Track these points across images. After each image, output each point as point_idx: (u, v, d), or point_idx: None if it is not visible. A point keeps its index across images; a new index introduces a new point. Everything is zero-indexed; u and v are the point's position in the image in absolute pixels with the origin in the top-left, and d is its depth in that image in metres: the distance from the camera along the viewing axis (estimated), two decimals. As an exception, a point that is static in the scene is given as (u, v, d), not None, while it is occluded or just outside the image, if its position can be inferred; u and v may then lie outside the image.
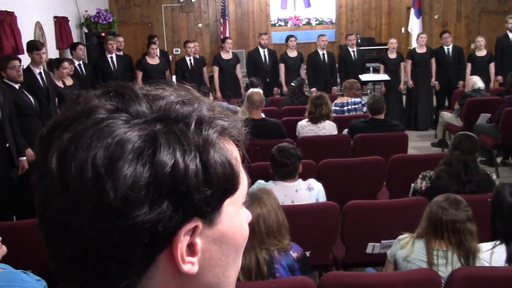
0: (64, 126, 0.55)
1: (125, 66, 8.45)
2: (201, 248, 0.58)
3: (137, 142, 0.53)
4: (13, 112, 4.61)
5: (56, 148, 0.54)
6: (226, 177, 0.57)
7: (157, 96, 0.58)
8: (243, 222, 0.64)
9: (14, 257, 2.66)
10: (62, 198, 0.53)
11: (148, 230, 0.52)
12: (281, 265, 2.37)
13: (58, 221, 0.53)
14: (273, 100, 7.80)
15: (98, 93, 0.58)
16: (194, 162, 0.54)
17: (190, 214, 0.55)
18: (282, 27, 12.80)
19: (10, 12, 5.90)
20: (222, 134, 0.59)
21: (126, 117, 0.55)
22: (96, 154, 0.52)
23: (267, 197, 2.48)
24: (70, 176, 0.52)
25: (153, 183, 0.52)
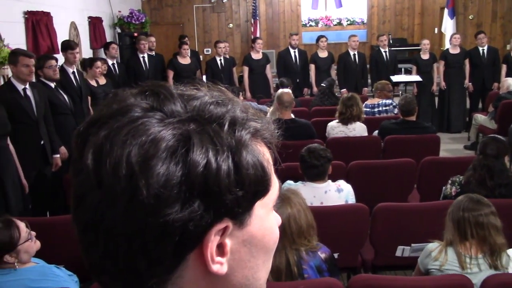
0: (101, 124, 0.56)
1: (157, 66, 8.55)
2: (231, 249, 0.58)
3: (171, 141, 0.53)
4: (48, 111, 4.71)
5: (92, 145, 0.55)
6: (257, 178, 0.57)
7: (191, 96, 0.59)
8: (273, 225, 0.64)
9: (48, 252, 2.72)
10: (97, 193, 0.54)
11: (179, 228, 0.53)
12: (309, 266, 2.37)
13: (92, 216, 0.54)
14: (303, 100, 7.78)
15: (134, 92, 0.59)
16: (226, 162, 0.54)
17: (221, 215, 0.55)
18: (312, 27, 12.74)
19: (46, 12, 6.04)
20: (254, 135, 0.59)
21: (160, 116, 0.55)
22: (130, 151, 0.52)
23: (296, 197, 2.48)
24: (104, 172, 0.53)
25: (185, 182, 0.53)
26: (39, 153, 4.55)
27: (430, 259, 2.57)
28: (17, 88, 4.37)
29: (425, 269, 2.62)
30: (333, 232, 3.12)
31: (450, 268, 2.48)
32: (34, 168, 4.48)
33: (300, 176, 3.51)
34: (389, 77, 8.05)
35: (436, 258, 2.53)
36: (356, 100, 5.16)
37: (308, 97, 8.66)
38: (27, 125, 4.36)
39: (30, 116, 4.41)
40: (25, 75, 4.34)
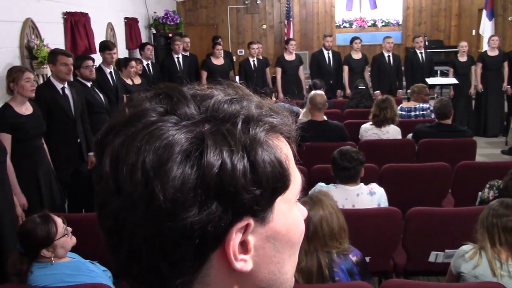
0: (117, 131, 0.56)
1: (191, 66, 8.63)
2: (254, 246, 0.58)
3: (185, 145, 0.53)
4: (85, 109, 4.81)
5: (109, 153, 0.55)
6: (275, 175, 0.57)
7: (205, 96, 0.59)
8: (297, 219, 0.63)
9: (83, 248, 2.78)
10: (117, 200, 0.55)
11: (198, 231, 0.53)
12: (340, 268, 2.35)
13: (114, 222, 0.55)
14: (336, 102, 7.73)
15: (149, 95, 0.59)
16: (241, 162, 0.54)
17: (240, 214, 0.55)
18: (346, 28, 12.65)
19: (84, 13, 6.18)
20: (271, 131, 0.59)
21: (175, 120, 0.56)
22: (145, 157, 0.53)
23: (327, 199, 2.47)
24: (122, 179, 0.54)
25: (201, 185, 0.53)
26: (76, 150, 4.65)
27: (463, 261, 2.53)
28: (56, 87, 4.48)
29: (456, 272, 2.58)
30: (365, 235, 3.09)
31: (483, 272, 2.43)
32: (70, 165, 4.58)
33: (332, 178, 3.49)
34: (425, 79, 7.92)
35: (472, 257, 2.49)
36: (391, 102, 5.10)
37: (341, 99, 8.60)
38: (65, 123, 4.47)
39: (68, 114, 4.51)
40: (63, 74, 4.45)
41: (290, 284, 0.65)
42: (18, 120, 3.89)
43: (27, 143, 3.97)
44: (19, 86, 3.90)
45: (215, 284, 0.58)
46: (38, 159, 4.09)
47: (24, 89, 3.91)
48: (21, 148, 3.90)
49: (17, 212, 3.73)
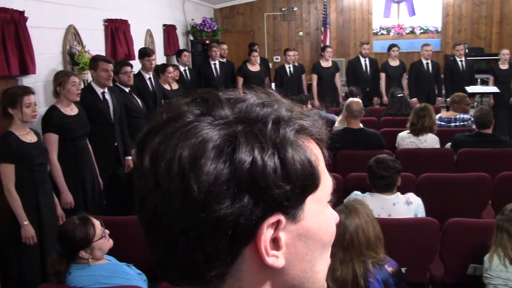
0: (156, 131, 0.60)
1: (227, 72, 8.70)
2: (286, 243, 0.60)
3: (218, 141, 0.57)
4: (123, 114, 4.92)
5: (149, 150, 0.59)
6: (305, 173, 0.59)
7: (238, 100, 0.62)
8: (329, 219, 0.66)
9: (119, 251, 2.83)
10: (155, 195, 0.58)
11: (231, 223, 0.56)
12: (375, 279, 2.32)
13: (152, 216, 0.58)
14: (373, 110, 7.64)
15: (187, 100, 0.63)
16: (272, 159, 0.57)
17: (271, 209, 0.58)
18: (384, 35, 12.51)
19: (124, 20, 6.31)
20: (300, 132, 0.61)
21: (209, 120, 0.59)
22: (181, 153, 0.56)
23: (362, 208, 2.44)
24: (160, 174, 0.57)
25: (233, 179, 0.56)
26: (113, 154, 4.75)
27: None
28: (96, 91, 4.59)
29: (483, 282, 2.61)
30: (401, 245, 3.04)
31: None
32: (108, 168, 4.68)
33: (368, 187, 3.45)
34: (464, 87, 7.75)
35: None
36: (429, 111, 5.01)
37: (378, 106, 8.50)
38: (103, 126, 4.57)
39: (107, 118, 4.61)
40: (104, 79, 4.56)
41: (322, 284, 0.66)
42: (65, 120, 4.02)
43: (73, 143, 4.10)
44: (66, 90, 4.04)
45: (247, 279, 0.60)
46: (84, 159, 4.21)
47: (70, 93, 4.05)
48: (67, 148, 4.03)
49: (57, 212, 3.83)
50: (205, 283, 0.60)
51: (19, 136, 3.50)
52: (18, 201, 3.42)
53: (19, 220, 3.43)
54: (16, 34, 3.93)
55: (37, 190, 3.57)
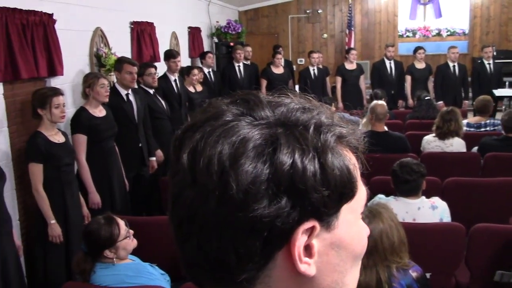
0: (196, 128, 0.60)
1: (251, 75, 8.71)
2: (318, 251, 0.59)
3: (258, 141, 0.56)
4: (147, 115, 4.97)
5: (187, 147, 0.59)
6: (343, 180, 0.59)
7: (279, 103, 0.62)
8: (361, 230, 0.65)
9: (143, 251, 2.85)
10: (191, 191, 0.57)
11: (267, 224, 0.55)
12: (400, 284, 2.28)
13: (186, 212, 0.58)
14: (398, 113, 7.57)
15: (226, 101, 0.63)
16: (312, 163, 0.57)
17: (308, 214, 0.57)
18: (410, 38, 12.37)
19: (150, 22, 6.38)
20: (340, 140, 0.61)
21: (250, 120, 0.59)
22: (222, 150, 0.56)
23: (386, 212, 2.41)
24: (198, 170, 0.57)
25: (273, 180, 0.55)
26: (138, 155, 4.80)
27: None
28: (121, 93, 4.65)
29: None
30: (426, 250, 3.00)
31: None
32: (132, 169, 4.72)
33: (392, 191, 3.41)
34: (492, 90, 7.61)
35: None
36: (456, 115, 4.93)
37: (403, 109, 8.41)
38: (128, 128, 4.62)
39: (131, 119, 4.67)
40: (128, 81, 4.62)
41: None
42: (93, 122, 4.08)
43: (101, 144, 4.16)
44: (95, 92, 4.11)
45: (276, 286, 0.59)
46: (111, 160, 4.27)
47: (99, 95, 4.12)
48: (95, 149, 4.09)
49: (83, 212, 3.89)
50: (234, 286, 0.59)
51: (48, 136, 3.57)
52: (46, 200, 3.48)
53: (46, 219, 3.49)
54: (45, 37, 4.01)
55: (64, 190, 3.63)
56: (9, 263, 3.04)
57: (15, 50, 3.60)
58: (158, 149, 5.12)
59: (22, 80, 3.83)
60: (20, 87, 3.91)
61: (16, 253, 3.19)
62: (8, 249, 3.06)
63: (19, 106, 3.89)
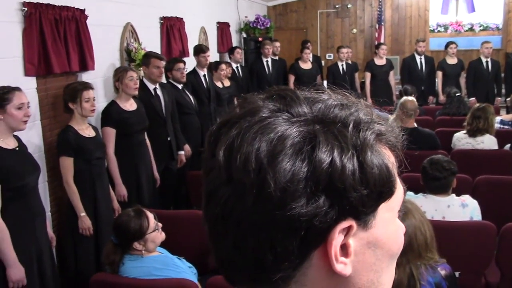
0: (232, 124, 0.59)
1: (279, 70, 8.69)
2: (355, 250, 0.58)
3: (297, 138, 0.55)
4: (175, 110, 5.01)
5: (223, 143, 0.58)
6: (382, 179, 0.58)
7: (316, 99, 0.61)
8: (398, 229, 0.64)
9: (171, 244, 2.89)
10: (227, 188, 0.57)
11: (304, 223, 0.54)
12: (428, 282, 2.26)
13: (222, 210, 0.57)
14: (428, 109, 7.45)
15: (262, 96, 0.62)
16: (351, 161, 0.56)
17: (345, 213, 0.56)
18: (441, 33, 12.15)
19: (179, 18, 6.42)
20: (379, 137, 0.60)
21: (287, 116, 0.58)
22: (259, 147, 0.55)
23: (415, 209, 2.38)
24: (234, 167, 0.56)
25: (311, 178, 0.54)
26: (166, 149, 4.85)
27: None
28: (148, 87, 4.70)
29: None
30: (455, 249, 2.96)
31: None
32: (161, 163, 4.77)
33: (422, 188, 3.37)
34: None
35: None
36: (486, 113, 4.82)
37: (433, 105, 8.28)
38: (156, 122, 4.67)
39: (159, 114, 4.72)
40: (155, 76, 4.67)
41: None
42: (123, 116, 4.15)
43: (130, 138, 4.22)
44: (124, 85, 4.17)
45: (311, 285, 0.58)
46: (140, 154, 4.33)
47: (128, 87, 4.18)
48: (124, 142, 4.15)
49: (114, 206, 3.95)
50: (269, 285, 0.58)
51: (78, 130, 3.63)
52: (76, 193, 3.55)
53: (77, 211, 3.56)
54: (77, 32, 4.08)
55: (94, 183, 3.69)
56: (44, 253, 3.12)
57: (48, 45, 3.67)
58: (186, 143, 5.17)
59: (54, 75, 3.90)
60: (53, 81, 3.98)
61: (50, 244, 3.27)
62: (43, 240, 3.14)
63: (51, 100, 3.97)
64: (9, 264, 2.82)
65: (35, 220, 3.05)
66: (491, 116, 4.91)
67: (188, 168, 5.13)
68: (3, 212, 2.82)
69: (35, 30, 3.56)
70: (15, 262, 2.84)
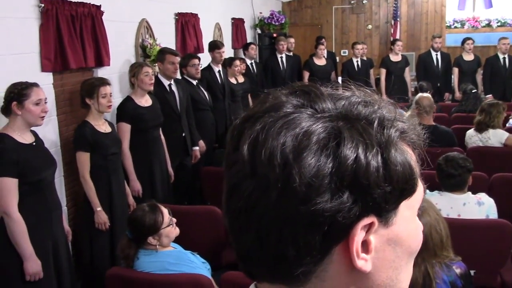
0: (255, 118, 0.59)
1: (293, 66, 8.67)
2: (375, 247, 0.59)
3: (322, 134, 0.56)
4: (190, 106, 5.03)
5: (247, 137, 0.58)
6: (405, 176, 0.58)
7: (339, 96, 0.62)
8: (418, 227, 0.64)
9: (185, 239, 2.90)
10: (251, 182, 0.57)
11: (327, 218, 0.55)
12: (443, 280, 2.24)
13: (245, 204, 0.57)
14: (443, 106, 7.39)
15: (285, 92, 0.62)
16: (375, 158, 0.56)
17: (368, 209, 0.57)
18: (458, 29, 12.01)
19: (194, 14, 6.43)
20: (402, 135, 0.61)
21: (311, 112, 0.58)
22: (284, 142, 0.56)
23: (430, 206, 2.36)
24: (259, 162, 0.56)
25: (336, 174, 0.55)
26: (181, 144, 4.87)
27: None
28: (163, 83, 4.72)
29: None
30: (471, 247, 2.93)
31: None
32: (175, 158, 4.80)
33: (437, 186, 3.34)
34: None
35: None
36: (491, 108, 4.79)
37: (449, 102, 8.20)
38: (170, 118, 4.69)
39: (174, 109, 4.74)
40: (170, 72, 4.69)
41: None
42: (138, 111, 4.17)
43: (145, 134, 4.24)
44: (139, 80, 4.20)
45: (331, 281, 0.59)
46: (155, 149, 4.35)
47: (143, 83, 4.20)
48: (139, 138, 4.18)
49: (129, 201, 3.98)
50: (290, 279, 0.59)
51: (95, 126, 3.66)
52: (92, 188, 3.58)
53: (93, 206, 3.59)
54: (93, 28, 4.10)
55: (110, 179, 3.72)
56: (60, 247, 3.15)
57: (65, 41, 3.70)
58: (201, 139, 5.18)
59: (70, 70, 3.94)
60: (69, 77, 4.02)
61: (66, 238, 3.31)
62: (59, 234, 3.17)
63: (67, 96, 4.00)
64: (26, 257, 2.86)
65: (52, 214, 3.08)
66: (496, 112, 4.84)
67: (202, 164, 5.15)
68: (20, 206, 2.86)
69: (51, 26, 3.59)
70: (31, 255, 2.88)
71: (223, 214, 0.63)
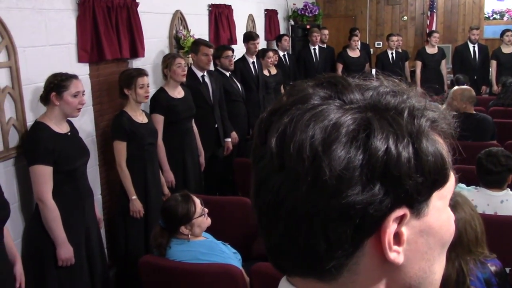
0: (283, 111, 0.58)
1: (327, 58, 8.59)
2: (407, 239, 0.58)
3: (351, 126, 0.55)
4: (223, 97, 5.04)
5: (275, 130, 0.57)
6: (437, 167, 0.57)
7: (367, 86, 0.60)
8: (450, 217, 0.63)
9: (217, 230, 2.93)
10: (279, 176, 0.56)
11: (359, 211, 0.54)
12: (477, 278, 2.19)
13: (274, 197, 0.57)
14: (480, 99, 7.21)
15: (311, 83, 0.61)
16: (406, 149, 0.55)
17: (400, 201, 0.56)
18: (497, 20, 11.67)
19: (228, 5, 6.43)
20: (433, 125, 0.59)
21: (339, 103, 0.57)
22: (313, 135, 0.55)
23: (464, 201, 2.31)
24: (288, 155, 0.55)
25: (366, 166, 0.54)
26: (213, 136, 4.89)
27: None
28: (197, 75, 4.75)
29: None
30: (507, 245, 2.86)
31: None
32: (208, 150, 4.82)
33: (475, 180, 3.26)
34: None
35: None
36: None
37: (486, 96, 8.00)
38: (203, 109, 4.71)
39: (207, 101, 4.76)
40: (204, 63, 4.70)
41: (437, 287, 0.63)
42: (171, 103, 4.21)
43: (177, 125, 4.27)
44: (172, 72, 4.23)
45: (363, 274, 0.58)
46: (187, 140, 4.39)
47: (175, 74, 4.23)
48: (172, 129, 4.22)
49: (164, 191, 4.03)
50: (321, 273, 0.58)
51: (132, 116, 3.72)
52: (128, 177, 3.64)
53: (128, 194, 3.66)
54: (128, 19, 4.15)
55: (146, 168, 3.77)
56: (92, 234, 3.23)
57: (101, 32, 3.76)
58: (233, 131, 5.20)
59: (106, 61, 3.99)
60: (104, 68, 4.08)
61: (97, 226, 3.38)
62: (91, 222, 3.24)
63: (103, 86, 4.07)
64: (59, 243, 2.94)
65: (84, 202, 3.15)
66: None
67: (234, 155, 5.17)
68: (54, 194, 2.94)
69: (88, 18, 3.65)
70: (64, 241, 2.95)
71: (252, 208, 0.62)
